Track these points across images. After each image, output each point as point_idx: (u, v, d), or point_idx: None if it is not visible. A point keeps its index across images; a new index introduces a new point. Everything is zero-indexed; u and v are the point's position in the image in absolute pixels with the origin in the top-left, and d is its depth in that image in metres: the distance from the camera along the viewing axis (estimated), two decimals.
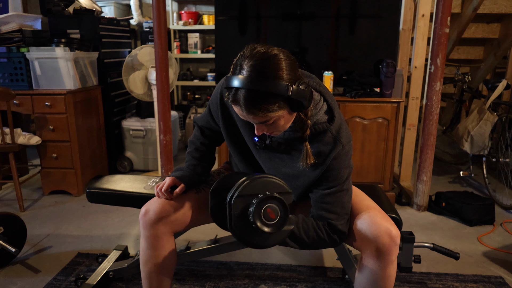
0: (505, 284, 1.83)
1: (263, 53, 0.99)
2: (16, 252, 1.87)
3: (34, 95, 2.68)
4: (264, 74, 0.97)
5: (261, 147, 1.24)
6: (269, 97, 0.97)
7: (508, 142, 2.73)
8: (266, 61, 0.97)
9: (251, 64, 0.98)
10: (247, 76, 0.97)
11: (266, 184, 1.08)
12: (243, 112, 1.01)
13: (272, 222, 1.05)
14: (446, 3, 2.31)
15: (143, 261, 1.31)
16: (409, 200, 2.76)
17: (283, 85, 0.97)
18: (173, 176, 1.33)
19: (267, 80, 0.96)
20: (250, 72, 0.97)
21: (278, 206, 1.06)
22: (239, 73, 0.99)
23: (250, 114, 1.01)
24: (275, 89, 0.97)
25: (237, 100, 1.00)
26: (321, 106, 1.15)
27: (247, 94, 0.97)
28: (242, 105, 0.99)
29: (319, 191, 1.19)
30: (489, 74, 3.82)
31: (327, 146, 1.14)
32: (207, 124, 1.40)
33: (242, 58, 1.00)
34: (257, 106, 0.98)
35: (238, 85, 0.97)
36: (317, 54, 2.69)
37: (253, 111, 0.99)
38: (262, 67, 0.97)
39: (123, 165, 3.40)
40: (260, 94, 0.97)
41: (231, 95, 1.01)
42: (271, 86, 0.96)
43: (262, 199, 1.04)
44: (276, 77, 0.97)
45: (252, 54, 0.99)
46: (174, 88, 3.79)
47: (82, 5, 3.07)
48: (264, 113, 0.99)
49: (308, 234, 1.19)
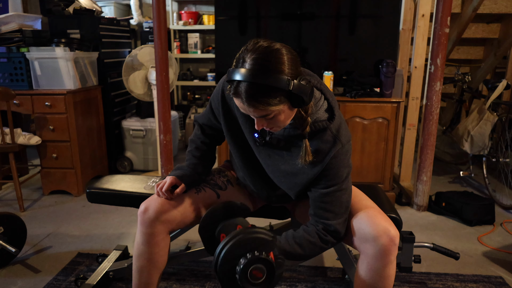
0: (505, 284, 1.83)
1: (266, 47, 0.99)
2: (16, 252, 1.87)
3: (34, 95, 2.68)
4: (266, 67, 0.97)
5: (261, 143, 1.24)
6: (270, 91, 0.98)
7: (508, 142, 2.73)
8: (268, 55, 0.98)
9: (253, 58, 0.98)
10: (249, 69, 0.97)
11: (246, 242, 1.09)
12: (244, 105, 1.01)
13: (260, 280, 1.08)
14: (446, 3, 2.31)
15: (136, 255, 1.33)
16: (409, 200, 2.76)
17: (285, 79, 0.97)
18: (174, 175, 1.33)
19: (269, 73, 0.97)
20: (252, 65, 0.98)
21: (263, 265, 1.07)
22: (241, 66, 1.00)
23: (250, 107, 1.01)
24: (276, 83, 0.97)
25: (238, 93, 1.00)
26: (322, 104, 1.15)
27: (248, 87, 0.98)
28: (243, 98, 0.99)
29: (318, 190, 1.19)
30: (489, 74, 3.82)
31: (327, 144, 1.14)
32: (208, 121, 1.41)
33: (245, 51, 1.01)
34: (258, 99, 0.98)
35: (240, 78, 0.98)
36: (317, 54, 2.69)
37: (254, 104, 0.99)
38: (264, 61, 0.97)
39: (123, 165, 3.40)
40: (262, 87, 0.97)
41: (232, 87, 1.01)
42: (273, 79, 0.97)
43: (245, 264, 1.06)
44: (278, 71, 0.97)
45: (254, 48, 0.99)
46: (174, 88, 3.78)
47: (82, 5, 3.07)
48: (264, 106, 0.99)
49: (303, 246, 1.19)
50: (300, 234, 1.21)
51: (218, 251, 1.10)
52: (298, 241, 1.20)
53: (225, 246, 1.09)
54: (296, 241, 1.20)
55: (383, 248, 1.14)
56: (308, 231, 1.21)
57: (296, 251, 1.19)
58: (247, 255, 1.07)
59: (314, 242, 1.19)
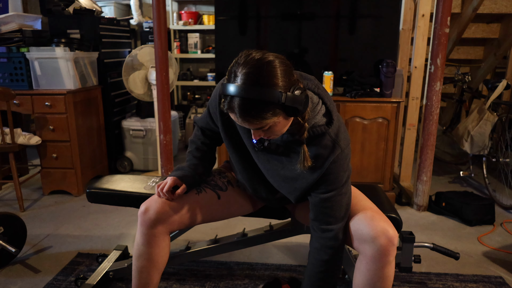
0: (505, 284, 1.83)
1: (258, 60, 0.98)
2: (16, 252, 1.87)
3: (34, 95, 2.68)
4: (258, 82, 0.96)
5: (259, 149, 1.24)
6: (263, 105, 0.97)
7: (508, 142, 2.73)
8: (260, 69, 0.97)
9: (245, 72, 0.97)
10: (241, 84, 0.96)
11: None
12: (239, 120, 1.01)
13: None
14: (446, 3, 2.31)
15: (136, 255, 1.33)
16: (409, 200, 2.76)
17: (277, 92, 0.96)
18: (175, 176, 1.33)
19: (261, 88, 0.96)
20: (244, 80, 0.96)
21: None
22: (233, 80, 0.98)
23: (245, 122, 1.00)
24: (269, 97, 0.96)
25: (232, 108, 1.00)
26: (320, 109, 1.15)
27: (241, 102, 0.97)
28: (237, 113, 0.99)
29: (318, 195, 1.19)
30: (489, 74, 3.82)
31: (326, 150, 1.14)
32: (206, 125, 1.40)
33: (237, 65, 0.99)
34: (252, 114, 0.98)
35: (233, 93, 0.97)
36: (317, 54, 2.69)
37: (248, 119, 0.99)
38: (255, 75, 0.96)
39: (123, 165, 3.40)
40: (254, 102, 0.96)
41: (226, 102, 1.01)
42: (265, 94, 0.96)
43: None
44: (270, 85, 0.96)
45: (246, 61, 0.98)
46: (174, 88, 3.79)
47: (82, 5, 3.07)
48: (259, 120, 0.99)
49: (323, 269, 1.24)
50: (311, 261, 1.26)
51: None
52: (315, 269, 1.25)
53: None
54: (315, 270, 1.25)
55: (382, 249, 1.14)
56: (315, 253, 1.25)
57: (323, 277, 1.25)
58: None
59: (326, 259, 1.23)
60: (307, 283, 1.27)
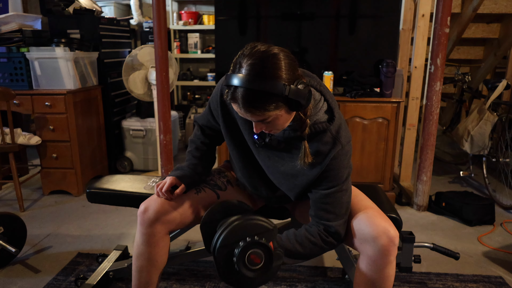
0: (505, 284, 1.83)
1: (263, 52, 0.99)
2: (16, 252, 1.87)
3: (34, 95, 2.68)
4: (263, 73, 0.97)
5: (260, 145, 1.24)
6: (266, 97, 0.98)
7: (508, 142, 2.73)
8: (265, 60, 0.98)
9: (250, 63, 0.98)
10: (246, 75, 0.98)
11: (246, 227, 1.09)
12: (241, 110, 1.02)
13: (257, 266, 1.08)
14: (446, 3, 2.31)
15: (136, 255, 1.33)
16: (409, 200, 2.76)
17: (281, 84, 0.97)
18: (174, 175, 1.33)
19: (265, 79, 0.97)
20: (248, 71, 0.98)
21: (261, 250, 1.07)
22: (238, 71, 1.00)
23: (247, 113, 1.01)
24: (272, 88, 0.97)
25: (235, 98, 1.00)
26: (321, 105, 1.15)
27: (245, 92, 0.98)
28: (240, 104, 1.00)
29: (318, 191, 1.19)
30: (489, 74, 3.82)
31: (327, 146, 1.14)
32: (207, 122, 1.40)
33: (242, 56, 1.01)
34: (255, 105, 0.99)
35: (237, 84, 0.98)
36: (317, 54, 2.69)
37: (251, 110, 1.00)
38: (260, 66, 0.97)
39: (123, 165, 3.40)
40: (258, 93, 0.97)
41: (229, 93, 1.01)
42: (269, 85, 0.97)
43: (244, 247, 1.06)
44: (274, 77, 0.97)
45: (251, 53, 0.99)
46: (174, 88, 3.79)
47: (82, 5, 3.07)
48: (261, 111, 1.00)
49: (304, 245, 1.20)
50: (301, 233, 1.21)
51: (218, 234, 1.09)
52: (299, 240, 1.20)
53: (225, 229, 1.08)
54: (297, 240, 1.20)
55: (383, 249, 1.14)
56: (310, 231, 1.21)
57: (297, 249, 1.19)
58: (246, 238, 1.06)
59: (315, 242, 1.19)
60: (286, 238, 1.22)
